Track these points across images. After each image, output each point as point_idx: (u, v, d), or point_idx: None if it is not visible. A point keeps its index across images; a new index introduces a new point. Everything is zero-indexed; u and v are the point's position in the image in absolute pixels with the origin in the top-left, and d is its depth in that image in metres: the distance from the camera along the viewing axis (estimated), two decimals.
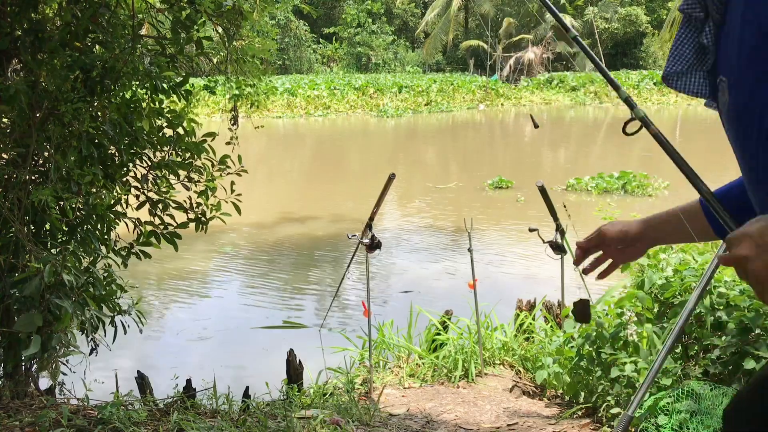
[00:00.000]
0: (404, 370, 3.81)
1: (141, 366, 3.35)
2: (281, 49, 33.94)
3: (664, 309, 2.93)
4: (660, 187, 10.05)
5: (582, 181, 10.41)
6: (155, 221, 2.88)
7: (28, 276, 2.37)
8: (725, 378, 2.56)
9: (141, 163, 2.87)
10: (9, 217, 2.46)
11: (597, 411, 2.90)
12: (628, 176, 10.19)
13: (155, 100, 2.78)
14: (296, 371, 3.57)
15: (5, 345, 2.70)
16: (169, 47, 2.82)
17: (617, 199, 9.61)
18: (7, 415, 2.45)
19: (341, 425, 2.72)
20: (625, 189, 10.03)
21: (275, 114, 23.80)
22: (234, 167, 2.87)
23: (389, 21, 40.75)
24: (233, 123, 3.27)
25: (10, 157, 2.57)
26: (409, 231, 8.19)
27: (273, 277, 6.64)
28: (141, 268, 5.77)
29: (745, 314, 2.58)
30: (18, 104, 2.46)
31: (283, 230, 8.45)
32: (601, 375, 2.87)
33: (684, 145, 16.45)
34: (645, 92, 29.06)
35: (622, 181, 10.16)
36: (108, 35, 2.68)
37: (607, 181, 10.27)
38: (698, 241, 1.73)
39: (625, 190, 10.02)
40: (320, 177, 13.16)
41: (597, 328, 2.97)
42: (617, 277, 4.09)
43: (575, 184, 10.34)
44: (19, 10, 2.60)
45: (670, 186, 10.13)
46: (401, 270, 6.64)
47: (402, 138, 20.41)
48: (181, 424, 2.50)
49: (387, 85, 28.19)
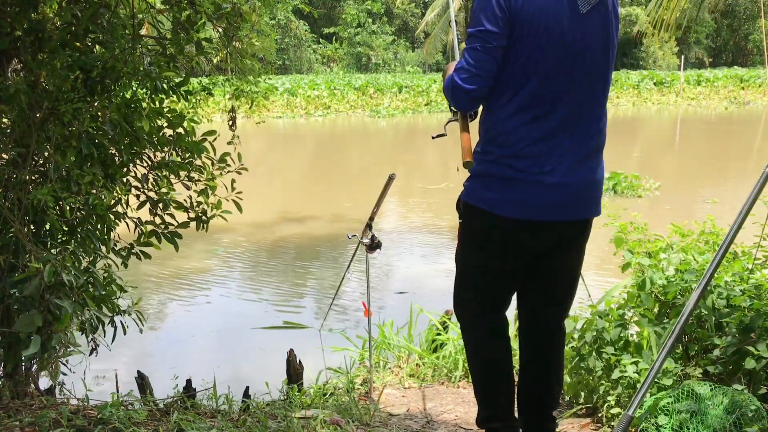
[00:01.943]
0: (404, 370, 3.81)
1: (141, 366, 3.35)
2: (281, 49, 33.93)
3: (665, 309, 2.93)
4: (651, 188, 10.04)
5: None
6: (156, 221, 2.89)
7: (28, 276, 2.37)
8: (725, 378, 2.56)
9: (141, 163, 2.87)
10: (9, 217, 2.46)
11: (597, 411, 2.90)
12: (618, 177, 10.14)
13: (155, 100, 2.78)
14: (296, 371, 3.57)
15: (5, 345, 2.70)
16: (169, 47, 2.82)
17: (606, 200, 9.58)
18: (7, 415, 2.45)
19: (341, 425, 2.72)
20: (614, 190, 9.99)
21: (275, 114, 23.79)
22: (234, 165, 2.87)
23: (389, 21, 40.75)
24: (231, 125, 3.27)
25: (10, 157, 2.57)
26: (410, 231, 8.19)
27: (273, 277, 6.65)
28: (141, 268, 5.77)
29: (745, 314, 2.58)
30: (18, 104, 2.45)
31: (283, 230, 8.45)
32: (602, 375, 2.87)
33: (684, 145, 16.47)
34: (645, 92, 29.05)
35: (612, 182, 10.10)
36: (108, 35, 2.68)
37: None
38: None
39: (614, 191, 9.97)
40: (320, 177, 13.16)
41: (598, 329, 2.97)
42: (617, 277, 4.09)
43: None
44: (19, 10, 2.60)
45: (662, 187, 10.12)
46: (401, 270, 6.64)
47: (402, 138, 20.40)
48: (181, 424, 2.50)
49: (387, 85, 28.18)
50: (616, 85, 29.51)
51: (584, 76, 1.95)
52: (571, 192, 2.03)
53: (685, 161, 14.42)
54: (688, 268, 2.89)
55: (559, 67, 1.91)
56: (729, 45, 44.60)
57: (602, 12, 1.93)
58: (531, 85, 1.93)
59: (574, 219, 2.09)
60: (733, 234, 2.14)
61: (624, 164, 11.70)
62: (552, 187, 1.99)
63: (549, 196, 2.00)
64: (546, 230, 2.07)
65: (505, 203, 2.03)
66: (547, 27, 1.87)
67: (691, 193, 10.55)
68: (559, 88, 1.94)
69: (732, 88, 29.31)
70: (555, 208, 2.03)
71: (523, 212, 2.02)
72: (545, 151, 1.97)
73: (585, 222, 2.15)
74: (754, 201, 2.10)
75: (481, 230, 2.14)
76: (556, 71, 1.92)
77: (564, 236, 2.12)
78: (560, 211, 2.04)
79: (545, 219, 2.04)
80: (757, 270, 2.86)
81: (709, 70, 34.38)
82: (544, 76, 1.92)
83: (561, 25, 1.88)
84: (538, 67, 1.91)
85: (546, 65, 1.91)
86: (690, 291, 2.81)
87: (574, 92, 1.96)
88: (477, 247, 2.18)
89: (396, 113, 24.48)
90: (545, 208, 2.02)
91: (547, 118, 1.95)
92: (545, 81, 1.92)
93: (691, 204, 9.73)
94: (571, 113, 1.97)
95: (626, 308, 2.97)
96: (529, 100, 1.94)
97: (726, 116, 23.40)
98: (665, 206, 9.31)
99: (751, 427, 2.15)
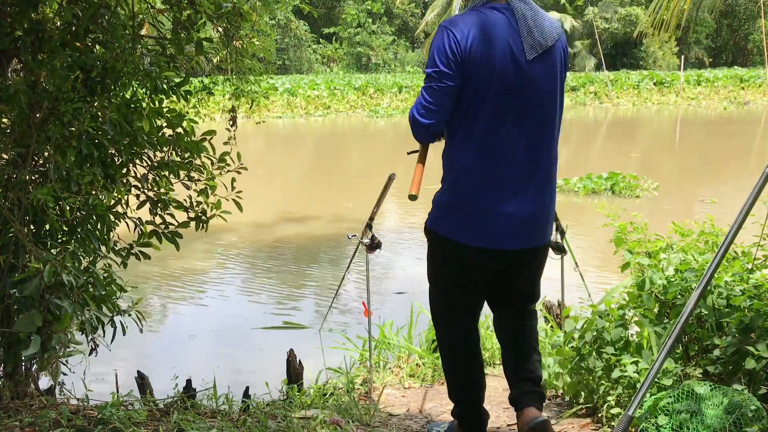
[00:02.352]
0: (404, 370, 3.81)
1: (141, 366, 3.35)
2: (281, 49, 33.93)
3: (665, 309, 2.93)
4: (649, 188, 10.03)
5: (570, 182, 10.35)
6: (156, 221, 2.89)
7: (28, 276, 2.37)
8: (725, 378, 2.56)
9: (141, 163, 2.87)
10: (9, 217, 2.46)
11: (597, 411, 2.90)
12: (616, 177, 10.13)
13: (155, 100, 2.78)
14: (296, 371, 3.57)
15: (5, 345, 2.70)
16: (169, 47, 2.82)
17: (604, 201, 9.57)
18: (7, 415, 2.45)
19: (341, 425, 2.72)
20: (612, 190, 9.98)
21: (275, 114, 23.78)
22: (233, 165, 2.87)
23: (389, 21, 40.74)
24: (232, 124, 3.27)
25: (10, 157, 2.57)
26: (410, 230, 8.19)
27: (273, 277, 6.65)
28: (141, 268, 5.77)
29: (745, 314, 2.58)
30: (18, 104, 2.45)
31: (283, 230, 8.45)
32: (602, 375, 2.87)
33: (685, 145, 16.48)
34: (645, 92, 29.04)
35: (611, 182, 10.09)
36: (108, 35, 2.68)
37: (595, 182, 10.21)
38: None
39: (612, 191, 9.96)
40: (320, 177, 13.16)
41: (598, 329, 2.97)
42: (617, 277, 4.09)
43: (563, 185, 10.22)
44: (19, 10, 2.60)
45: (660, 187, 10.12)
46: (401, 270, 6.65)
47: (402, 138, 20.40)
48: (181, 424, 2.50)
49: (387, 85, 28.16)
50: (617, 85, 29.53)
51: (531, 116, 2.17)
52: (516, 223, 2.22)
53: (685, 161, 14.42)
54: (688, 268, 2.89)
55: (507, 106, 2.14)
56: (729, 45, 44.59)
57: (548, 58, 2.17)
58: (482, 121, 2.14)
59: (521, 248, 2.27)
60: (733, 234, 2.14)
61: (623, 164, 11.70)
62: (500, 216, 2.20)
63: (496, 225, 2.21)
64: (499, 257, 2.28)
65: (459, 230, 2.25)
66: (495, 70, 2.10)
67: (689, 193, 10.54)
68: (508, 125, 2.15)
69: (732, 88, 29.29)
70: (502, 237, 2.23)
71: (475, 240, 2.23)
72: (494, 184, 2.18)
73: (535, 249, 2.33)
74: (754, 201, 2.10)
75: (442, 255, 2.40)
76: (505, 111, 2.14)
77: (519, 261, 2.32)
78: (507, 240, 2.24)
79: (494, 247, 2.24)
80: (757, 270, 2.86)
81: (709, 70, 34.36)
82: (493, 115, 2.14)
83: (508, 69, 2.11)
84: (488, 106, 2.13)
85: (496, 105, 2.13)
86: (690, 291, 2.81)
87: (522, 130, 2.17)
88: (443, 268, 2.43)
89: (396, 113, 24.46)
90: (494, 236, 2.23)
91: (496, 153, 2.16)
92: (495, 119, 2.14)
93: (689, 204, 9.72)
94: (519, 149, 2.18)
95: (626, 308, 2.96)
96: (480, 135, 2.16)
97: (725, 116, 23.40)
98: (664, 206, 9.31)
99: (751, 427, 2.15)
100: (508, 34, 2.12)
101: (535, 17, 2.15)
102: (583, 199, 9.80)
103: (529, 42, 2.13)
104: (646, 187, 10.01)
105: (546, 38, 2.15)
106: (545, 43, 2.14)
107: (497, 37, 2.11)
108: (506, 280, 2.39)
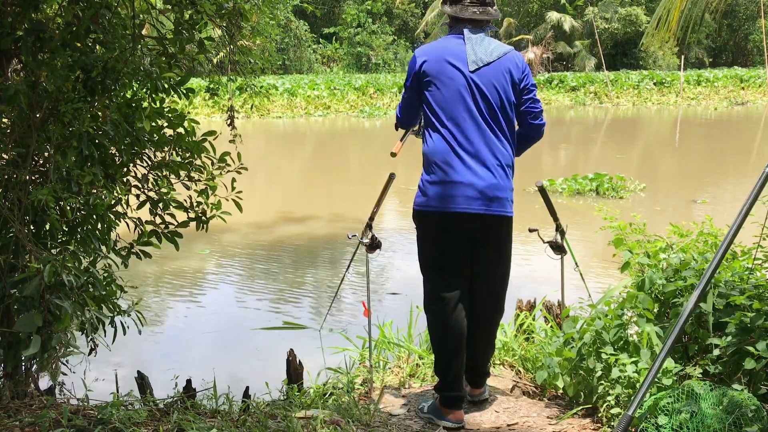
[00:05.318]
0: (404, 370, 3.81)
1: (141, 366, 3.35)
2: (281, 49, 33.93)
3: (665, 309, 2.93)
4: (635, 189, 10.01)
5: (555, 182, 10.32)
6: (156, 221, 2.89)
7: (28, 276, 2.37)
8: (725, 378, 2.56)
9: (141, 163, 2.87)
10: (9, 217, 2.46)
11: (597, 411, 2.90)
12: (602, 178, 10.08)
13: (156, 100, 2.78)
14: (296, 371, 3.57)
15: (5, 345, 2.70)
16: (170, 47, 2.82)
17: (588, 202, 9.56)
18: (7, 415, 2.45)
19: (341, 425, 2.72)
20: (597, 191, 9.95)
21: (275, 114, 23.78)
22: (234, 165, 2.88)
23: (389, 21, 40.74)
24: (230, 125, 3.27)
25: (10, 157, 2.57)
26: (410, 230, 8.18)
27: (272, 277, 6.65)
28: (141, 268, 5.78)
29: (745, 314, 2.58)
30: (18, 104, 2.46)
31: (282, 230, 8.46)
32: (602, 375, 2.88)
33: (684, 145, 16.48)
34: (645, 92, 29.05)
35: (596, 183, 10.05)
36: (109, 35, 2.68)
37: (580, 183, 10.16)
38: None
39: (597, 192, 9.93)
40: (320, 177, 13.17)
41: (597, 329, 2.97)
42: (617, 277, 4.09)
43: (548, 186, 10.23)
44: (20, 10, 2.60)
45: (647, 188, 10.10)
46: (401, 270, 6.65)
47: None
48: (181, 424, 2.50)
49: (387, 85, 28.16)
50: (617, 85, 29.53)
51: (480, 112, 2.84)
52: (475, 192, 2.80)
53: (677, 162, 14.41)
54: (688, 268, 2.89)
55: (460, 105, 2.84)
56: (729, 45, 44.60)
57: (492, 68, 2.85)
58: (445, 116, 2.86)
59: (481, 212, 2.82)
60: (732, 234, 2.14)
61: (615, 165, 11.68)
62: (461, 185, 2.81)
63: (460, 191, 2.81)
64: (464, 220, 2.82)
65: (434, 199, 2.86)
66: (448, 79, 2.85)
67: (677, 195, 10.49)
68: (464, 120, 2.84)
69: (732, 88, 29.30)
70: (465, 200, 2.81)
71: (444, 204, 2.83)
72: (458, 161, 2.82)
73: (492, 218, 2.85)
74: (753, 201, 2.11)
75: (424, 229, 2.96)
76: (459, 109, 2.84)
77: (482, 230, 2.87)
78: (470, 203, 2.80)
79: (459, 209, 2.81)
80: (757, 270, 2.86)
81: (709, 70, 34.34)
82: (452, 113, 2.85)
83: (458, 78, 2.84)
84: (448, 105, 2.85)
85: (452, 104, 2.85)
86: (689, 291, 2.81)
87: (474, 123, 2.84)
88: (427, 242, 2.96)
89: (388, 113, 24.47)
90: (458, 200, 2.81)
91: (456, 140, 2.83)
92: (453, 115, 2.85)
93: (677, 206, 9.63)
94: (474, 136, 2.84)
95: (626, 308, 2.97)
96: (446, 126, 2.85)
97: (725, 116, 23.40)
98: (652, 207, 9.27)
99: (751, 427, 2.15)
100: (459, 52, 2.86)
101: (481, 42, 2.87)
102: (567, 200, 9.79)
103: (472, 58, 2.85)
104: (632, 189, 9.98)
105: (488, 56, 2.86)
106: (486, 59, 2.85)
107: (450, 56, 2.86)
108: (478, 258, 2.93)
